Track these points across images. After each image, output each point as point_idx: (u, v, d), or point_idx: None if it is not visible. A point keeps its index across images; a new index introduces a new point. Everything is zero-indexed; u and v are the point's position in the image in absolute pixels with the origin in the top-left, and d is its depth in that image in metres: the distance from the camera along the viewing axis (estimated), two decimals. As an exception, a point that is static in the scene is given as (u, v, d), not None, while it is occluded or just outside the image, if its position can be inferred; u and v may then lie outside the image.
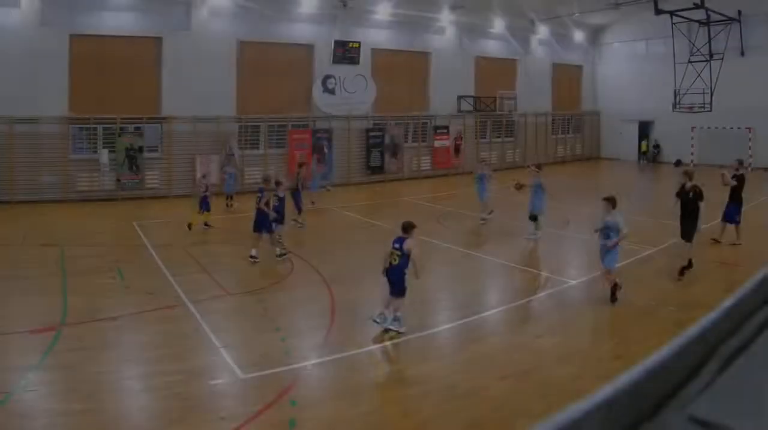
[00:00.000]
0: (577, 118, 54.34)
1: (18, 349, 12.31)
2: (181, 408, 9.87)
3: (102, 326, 13.54)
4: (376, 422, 9.70)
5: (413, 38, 43.28)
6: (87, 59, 32.19)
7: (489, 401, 10.16)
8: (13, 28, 30.11)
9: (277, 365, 11.48)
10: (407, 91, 43.25)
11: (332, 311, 14.86)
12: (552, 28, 49.74)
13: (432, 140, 43.79)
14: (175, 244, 22.00)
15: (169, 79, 34.09)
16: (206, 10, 34.97)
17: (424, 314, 14.84)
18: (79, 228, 24.60)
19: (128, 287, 16.74)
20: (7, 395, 9.97)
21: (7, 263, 19.23)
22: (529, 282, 17.79)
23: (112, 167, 32.26)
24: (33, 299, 15.51)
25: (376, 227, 25.47)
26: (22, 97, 29.83)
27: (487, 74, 47.07)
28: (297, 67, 38.56)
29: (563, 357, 11.87)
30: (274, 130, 37.54)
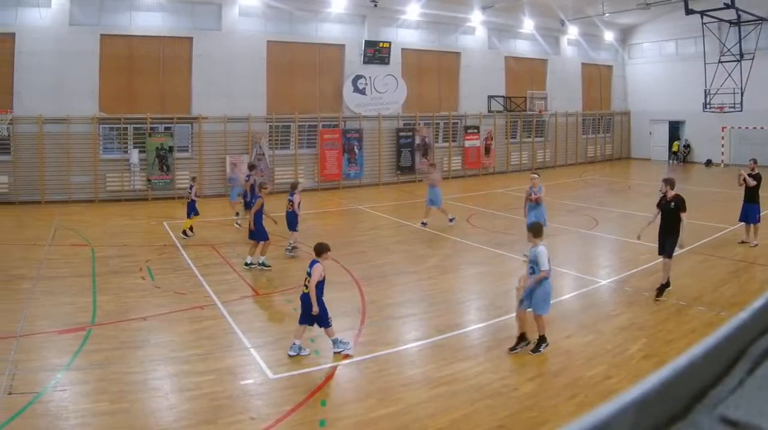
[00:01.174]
0: (607, 118, 52.97)
1: (48, 349, 12.02)
2: (211, 408, 9.73)
3: (132, 326, 13.34)
4: (406, 422, 9.42)
5: (443, 38, 42.42)
6: (117, 59, 31.63)
7: (518, 402, 9.95)
8: (43, 28, 29.57)
9: (307, 365, 11.39)
10: (437, 91, 42.39)
11: (362, 311, 14.63)
12: (582, 28, 48.64)
13: (462, 140, 42.75)
14: (206, 244, 21.64)
15: (200, 79, 33.46)
16: (236, 10, 34.25)
17: (454, 314, 14.65)
18: (110, 228, 24.08)
19: (159, 287, 16.46)
20: (37, 395, 9.86)
21: (37, 263, 18.80)
22: (559, 282, 16.80)
23: (143, 167, 31.64)
24: (63, 299, 15.22)
25: (407, 226, 25.07)
26: (52, 97, 29.43)
27: (517, 74, 46.03)
28: (327, 67, 37.77)
29: (593, 357, 11.65)
30: (305, 130, 36.70)
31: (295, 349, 11.75)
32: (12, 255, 19.89)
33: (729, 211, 24.24)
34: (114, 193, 31.02)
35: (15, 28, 29.17)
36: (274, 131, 35.47)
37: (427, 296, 15.90)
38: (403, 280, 17.39)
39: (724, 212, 25.41)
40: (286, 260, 19.60)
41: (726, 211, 25.33)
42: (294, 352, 11.71)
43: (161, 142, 32.06)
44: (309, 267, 11.95)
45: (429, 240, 22.44)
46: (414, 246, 21.57)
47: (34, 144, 29.49)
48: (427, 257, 19.81)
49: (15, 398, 9.74)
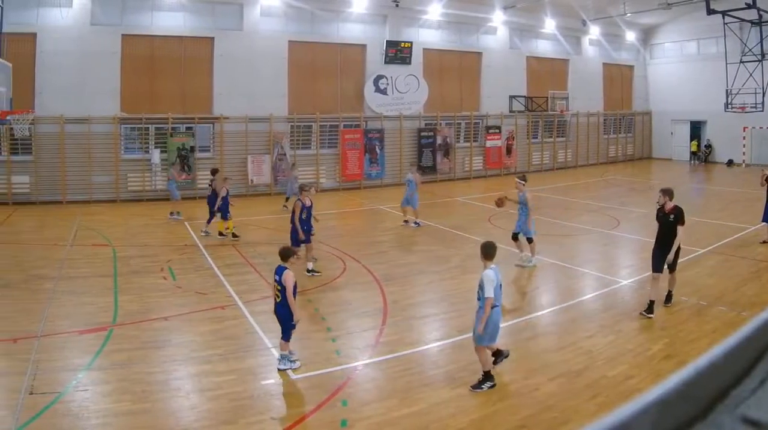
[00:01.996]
0: (628, 118, 52.13)
1: (69, 349, 11.90)
2: (231, 408, 9.62)
3: (153, 326, 13.21)
4: (427, 422, 9.27)
5: (465, 38, 41.75)
6: (138, 59, 31.29)
7: (539, 402, 9.81)
8: (64, 28, 29.24)
9: (329, 365, 11.24)
10: (459, 91, 41.75)
11: (384, 311, 14.40)
12: (603, 28, 47.79)
13: (484, 140, 41.99)
14: (227, 244, 21.38)
15: (221, 79, 33.01)
16: (258, 10, 33.75)
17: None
18: (131, 228, 23.75)
19: (180, 286, 16.26)
20: (58, 395, 9.77)
21: (58, 262, 18.57)
22: (580, 282, 17.03)
23: (164, 167, 31.06)
24: (84, 299, 15.05)
25: (428, 227, 24.61)
26: (74, 97, 29.14)
27: (538, 74, 45.36)
28: (349, 67, 37.26)
29: (614, 357, 11.48)
30: (326, 130, 36.15)
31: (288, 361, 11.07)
32: (33, 255, 19.68)
33: (751, 212, 24.39)
34: (135, 193, 30.63)
35: (36, 28, 28.82)
36: (296, 131, 34.94)
37: (449, 296, 15.66)
38: (424, 280, 17.17)
39: (746, 212, 25.45)
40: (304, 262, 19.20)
41: (748, 212, 25.42)
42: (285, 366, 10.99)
43: (182, 142, 31.63)
44: (277, 274, 11.11)
45: (450, 240, 21.98)
46: (435, 246, 21.15)
47: (55, 144, 29.18)
48: (449, 257, 19.39)
49: (36, 398, 9.63)
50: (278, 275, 11.03)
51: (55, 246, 20.77)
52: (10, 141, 28.36)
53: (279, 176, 33.65)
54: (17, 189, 28.82)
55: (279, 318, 11.13)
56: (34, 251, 20.20)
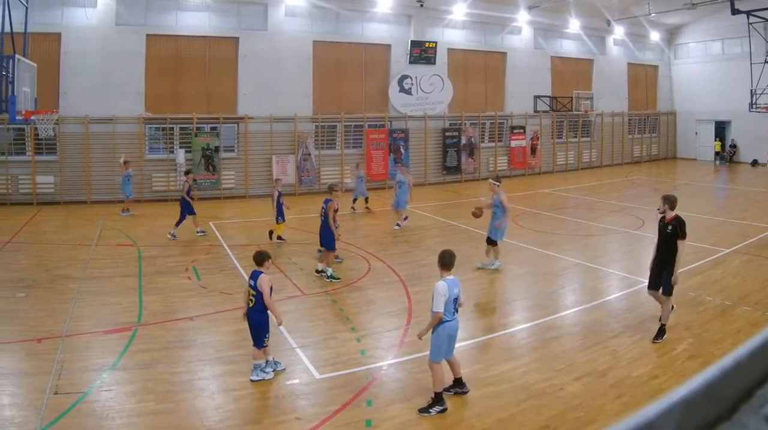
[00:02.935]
0: (653, 119, 51.02)
1: (94, 349, 11.80)
2: (256, 408, 9.65)
3: (178, 326, 13.13)
4: (451, 422, 9.24)
5: (489, 38, 40.76)
6: (163, 59, 30.80)
7: (564, 402, 9.70)
8: (89, 28, 28.78)
9: (353, 365, 11.16)
10: (483, 91, 40.80)
11: (409, 311, 14.25)
12: (628, 28, 46.71)
13: (508, 140, 41.09)
14: (252, 244, 20.61)
15: (246, 79, 32.40)
16: (283, 10, 33.11)
17: (500, 314, 14.50)
18: (156, 228, 23.24)
19: (205, 287, 16.08)
20: (83, 394, 9.71)
21: (83, 263, 18.36)
22: (605, 282, 16.79)
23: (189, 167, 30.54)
24: (109, 299, 14.91)
25: (453, 227, 24.43)
26: (98, 97, 28.72)
27: (563, 74, 44.33)
28: (373, 67, 36.49)
29: (639, 357, 11.37)
30: (351, 130, 35.46)
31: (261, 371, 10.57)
32: (58, 255, 19.39)
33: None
34: (160, 193, 30.13)
35: (61, 28, 28.39)
36: (320, 131, 34.30)
37: (473, 297, 15.31)
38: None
39: (771, 212, 25.61)
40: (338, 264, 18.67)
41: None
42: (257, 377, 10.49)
43: (207, 142, 31.08)
44: (252, 279, 10.71)
45: (475, 240, 21.31)
46: (460, 246, 19.95)
47: (79, 144, 28.78)
48: (474, 257, 18.70)
49: (61, 398, 9.56)
50: (253, 280, 10.64)
51: (79, 246, 20.51)
52: (35, 141, 28.03)
53: (303, 176, 33.13)
54: (42, 189, 28.48)
55: (251, 324, 10.67)
56: (58, 251, 19.90)
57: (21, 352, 11.54)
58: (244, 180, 32.14)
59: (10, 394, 9.88)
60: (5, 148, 28.13)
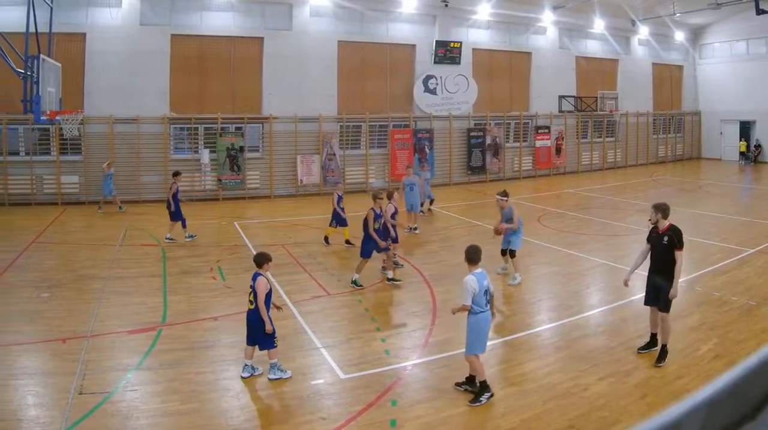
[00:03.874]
0: (677, 119, 49.70)
1: (118, 349, 11.66)
2: (281, 408, 9.54)
3: (203, 326, 12.95)
4: (477, 422, 9.14)
5: (514, 38, 39.75)
6: (188, 59, 30.18)
7: (588, 402, 9.55)
8: (114, 28, 28.27)
9: (378, 365, 10.98)
10: (508, 91, 39.84)
11: (433, 311, 14.04)
12: (652, 28, 45.44)
13: (533, 140, 40.09)
14: (276, 244, 20.38)
15: (271, 79, 31.68)
16: (307, 10, 32.36)
17: (525, 314, 14.23)
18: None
19: (229, 286, 15.82)
20: (107, 395, 9.60)
21: (107, 263, 18.12)
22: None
23: (213, 167, 30.18)
24: (133, 299, 14.73)
25: (478, 227, 23.74)
26: (123, 96, 28.21)
27: (587, 74, 43.20)
28: (398, 67, 35.63)
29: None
30: (375, 130, 34.63)
31: (247, 370, 10.52)
32: (82, 255, 19.08)
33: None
34: (185, 193, 28.16)
35: (86, 28, 27.88)
36: (345, 131, 33.56)
37: (498, 297, 14.52)
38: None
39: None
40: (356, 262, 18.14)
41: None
42: (247, 373, 10.49)
43: (232, 142, 30.40)
44: (252, 280, 10.59)
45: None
46: (485, 246, 19.66)
47: (104, 144, 28.23)
48: (498, 257, 17.92)
49: (86, 398, 9.46)
50: (253, 281, 10.52)
51: (104, 246, 20.18)
52: (60, 141, 27.51)
53: (328, 176, 32.39)
54: (66, 189, 27.98)
55: (249, 325, 10.49)
56: (83, 251, 19.57)
57: (46, 352, 11.39)
58: (269, 180, 31.48)
59: (35, 394, 9.73)
60: (30, 148, 27.82)
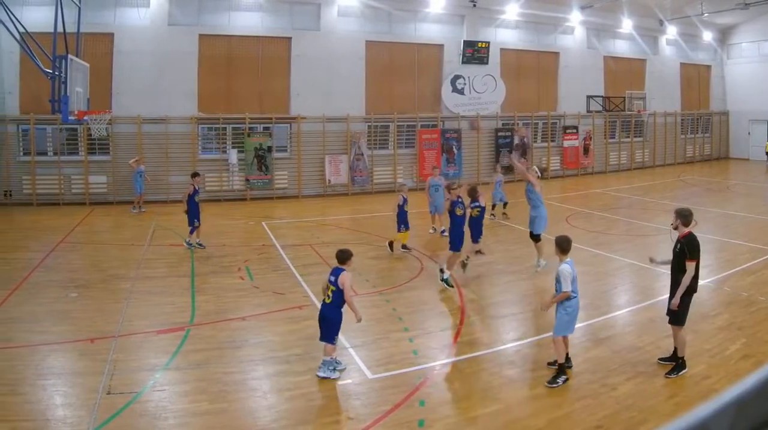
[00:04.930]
0: (705, 118, 48.25)
1: (146, 349, 11.39)
2: (309, 408, 9.27)
3: (231, 326, 12.60)
4: (505, 422, 8.82)
5: (542, 38, 38.59)
6: (216, 59, 29.41)
7: (616, 401, 9.27)
8: (142, 28, 27.59)
9: (406, 365, 10.68)
10: (536, 91, 38.65)
11: (461, 311, 13.67)
12: (680, 28, 43.98)
13: (561, 140, 38.96)
14: (304, 244, 20.03)
15: (298, 79, 30.82)
16: (335, 10, 31.49)
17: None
18: (208, 228, 21.72)
19: (257, 286, 15.41)
20: (136, 394, 9.38)
21: (135, 263, 17.69)
22: (658, 282, 15.55)
23: (241, 167, 29.40)
24: (162, 299, 14.37)
25: (506, 227, 23.26)
26: (151, 97, 27.56)
27: (615, 74, 41.85)
28: (426, 67, 34.57)
29: (691, 357, 10.56)
30: (403, 130, 33.65)
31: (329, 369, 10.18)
32: (110, 255, 18.69)
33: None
34: (213, 194, 28.67)
35: (114, 28, 27.23)
36: (373, 131, 32.63)
37: (526, 296, 14.83)
38: (502, 280, 16.18)
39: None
40: (389, 260, 18.17)
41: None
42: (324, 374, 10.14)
43: (260, 142, 29.59)
44: (332, 275, 10.19)
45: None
46: (513, 246, 19.88)
47: (132, 144, 27.53)
48: (526, 257, 17.91)
49: (114, 397, 9.24)
50: (334, 277, 10.16)
51: (132, 246, 19.74)
52: (88, 141, 26.91)
53: (356, 176, 31.61)
54: (94, 189, 27.37)
55: (326, 320, 10.17)
56: (111, 251, 19.18)
57: (74, 352, 11.12)
58: (297, 180, 30.63)
59: (63, 394, 9.47)
60: (58, 149, 27.21)
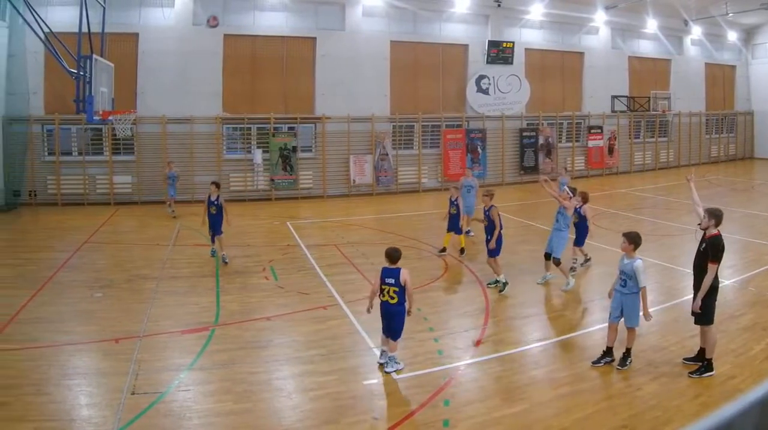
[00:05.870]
0: (730, 118, 46.97)
1: (171, 349, 11.22)
2: (334, 408, 9.02)
3: (255, 326, 12.44)
4: (529, 422, 8.59)
5: (567, 38, 37.47)
6: (240, 59, 28.75)
7: (642, 401, 9.08)
8: (166, 28, 27.00)
9: (431, 365, 10.56)
10: (561, 91, 37.58)
11: (486, 311, 13.43)
12: (705, 28, 42.66)
13: (586, 140, 37.86)
14: (329, 244, 19.71)
15: (323, 79, 30.04)
16: (360, 10, 30.66)
17: (580, 314, 13.66)
18: (233, 228, 20.91)
19: (282, 287, 15.19)
20: (160, 395, 9.24)
21: (160, 263, 17.42)
22: (683, 282, 14.94)
23: (266, 167, 28.65)
24: (186, 299, 14.18)
25: (531, 227, 22.77)
26: (175, 96, 26.99)
27: (640, 74, 40.66)
28: (451, 67, 33.62)
29: (716, 357, 10.21)
30: (428, 130, 32.76)
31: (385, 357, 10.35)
32: (135, 255, 18.44)
33: None
34: (237, 194, 28.00)
35: (138, 28, 26.64)
36: (398, 131, 31.73)
37: (551, 296, 14.61)
38: (527, 279, 15.72)
39: None
40: (414, 260, 17.56)
41: None
42: (392, 369, 10.20)
43: (285, 142, 28.86)
44: (389, 277, 10.07)
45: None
46: (538, 246, 18.86)
47: (157, 144, 26.96)
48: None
49: (138, 398, 9.12)
50: (393, 278, 9.99)
51: (156, 246, 19.44)
52: (112, 141, 26.41)
53: (381, 176, 30.82)
54: (119, 189, 26.80)
55: (395, 318, 10.13)
56: (135, 251, 18.88)
57: (98, 352, 10.97)
58: (322, 180, 29.84)
59: (88, 394, 9.36)
60: (83, 149, 26.66)
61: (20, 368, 10.15)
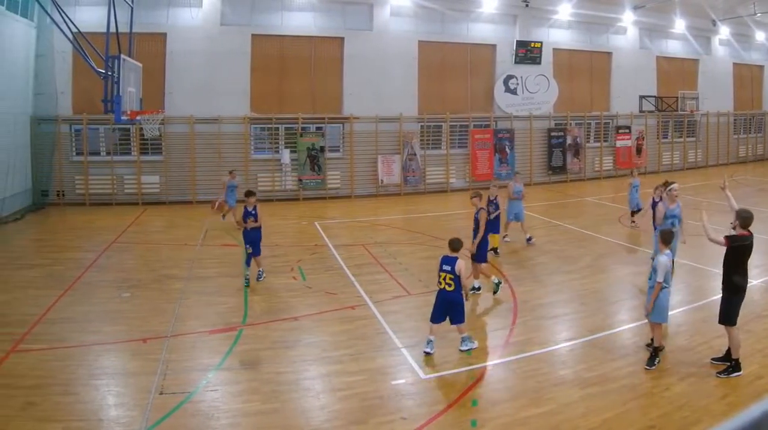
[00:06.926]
0: (758, 118, 45.33)
1: (199, 349, 11.04)
2: (362, 408, 8.81)
3: (283, 326, 12.20)
4: (557, 422, 8.33)
5: (594, 38, 36.27)
6: (268, 59, 27.95)
7: (669, 402, 8.82)
8: (194, 28, 26.37)
9: (459, 365, 10.28)
10: (589, 91, 36.36)
11: (514, 311, 13.13)
12: (733, 28, 41.12)
13: (614, 140, 36.64)
14: (357, 244, 19.28)
15: (351, 79, 29.17)
16: (388, 10, 29.68)
17: (606, 314, 13.14)
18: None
19: (310, 287, 14.86)
20: (188, 394, 9.06)
21: (188, 263, 17.20)
22: (711, 282, 14.59)
23: (294, 167, 27.81)
24: (214, 299, 13.93)
25: (559, 226, 22.29)
26: (203, 96, 26.33)
27: (668, 74, 39.28)
28: (478, 67, 32.57)
29: (743, 357, 9.79)
30: (456, 130, 31.74)
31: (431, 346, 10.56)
32: (163, 255, 18.14)
33: None
34: (265, 193, 27.08)
35: (166, 28, 26.01)
36: (426, 131, 30.76)
37: (579, 296, 14.20)
38: (555, 280, 15.49)
39: None
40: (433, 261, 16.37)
41: None
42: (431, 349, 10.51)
43: (312, 142, 28.02)
44: (447, 264, 10.38)
45: (581, 240, 20.02)
46: (566, 246, 19.18)
47: (185, 144, 26.29)
48: (579, 257, 17.56)
49: (166, 397, 8.93)
50: (449, 266, 10.33)
51: (184, 246, 19.10)
52: (140, 141, 25.77)
53: (408, 176, 29.87)
54: (147, 189, 26.13)
55: (454, 304, 10.46)
56: (163, 251, 18.57)
57: (127, 352, 10.83)
58: (350, 180, 28.95)
59: (116, 394, 9.24)
60: (111, 148, 26.04)
61: (48, 368, 9.93)
